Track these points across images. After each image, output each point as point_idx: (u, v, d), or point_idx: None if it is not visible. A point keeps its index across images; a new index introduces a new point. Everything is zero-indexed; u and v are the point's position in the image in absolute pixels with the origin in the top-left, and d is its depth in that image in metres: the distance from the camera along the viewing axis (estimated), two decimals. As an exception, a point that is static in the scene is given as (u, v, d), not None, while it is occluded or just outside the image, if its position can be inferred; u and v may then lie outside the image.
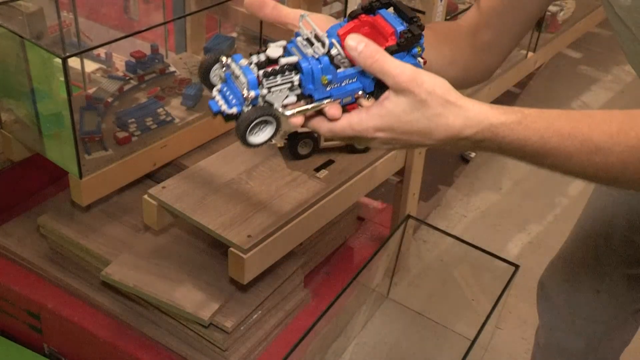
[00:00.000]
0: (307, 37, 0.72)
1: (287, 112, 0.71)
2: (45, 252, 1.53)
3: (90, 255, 1.45)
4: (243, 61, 0.71)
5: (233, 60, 0.72)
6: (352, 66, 0.72)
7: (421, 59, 0.74)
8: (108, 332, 1.43)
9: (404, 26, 0.72)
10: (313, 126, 0.73)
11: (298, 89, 0.72)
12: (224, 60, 0.72)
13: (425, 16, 1.43)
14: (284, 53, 0.72)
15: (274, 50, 0.72)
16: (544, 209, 2.21)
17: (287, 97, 0.72)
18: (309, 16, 0.73)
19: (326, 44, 0.70)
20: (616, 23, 0.90)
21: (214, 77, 0.74)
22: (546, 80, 2.92)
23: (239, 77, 0.70)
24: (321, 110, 0.73)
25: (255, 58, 0.71)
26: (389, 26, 0.72)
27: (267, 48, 0.72)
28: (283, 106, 0.72)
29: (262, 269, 1.31)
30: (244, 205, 1.32)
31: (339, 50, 0.71)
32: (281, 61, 0.71)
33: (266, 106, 0.70)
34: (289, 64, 0.71)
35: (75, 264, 1.50)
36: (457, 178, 2.33)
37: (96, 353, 1.45)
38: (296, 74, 0.71)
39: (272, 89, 0.71)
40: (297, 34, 0.74)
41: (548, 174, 0.76)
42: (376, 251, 1.54)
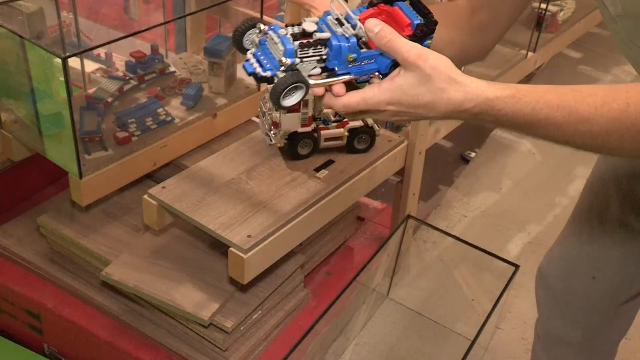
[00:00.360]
0: (337, 17, 0.80)
1: (311, 82, 0.79)
2: (45, 252, 1.53)
3: (90, 255, 1.45)
4: (282, 31, 0.79)
5: (272, 29, 0.80)
6: (370, 49, 0.79)
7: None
8: (108, 332, 1.43)
9: (420, 20, 0.80)
10: (328, 102, 0.81)
11: (322, 62, 0.79)
12: (263, 27, 0.81)
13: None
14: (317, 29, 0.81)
15: (309, 25, 0.80)
16: (544, 209, 2.21)
17: (314, 68, 0.79)
18: None
19: (357, 26, 0.78)
20: (612, 26, 0.93)
21: (246, 41, 0.82)
22: (546, 80, 2.91)
23: (277, 45, 0.78)
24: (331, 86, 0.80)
25: (290, 29, 0.80)
26: (406, 18, 0.81)
27: (303, 22, 0.80)
28: (308, 76, 0.79)
29: (262, 269, 1.31)
30: (244, 205, 1.32)
31: (364, 32, 0.79)
32: (315, 35, 0.79)
33: (299, 73, 0.78)
34: (321, 40, 0.78)
35: (75, 264, 1.50)
36: (457, 178, 2.33)
37: (96, 353, 1.45)
38: (324, 49, 0.79)
39: (304, 59, 0.78)
40: (327, 13, 0.82)
41: (548, 174, 0.77)
42: (376, 251, 1.54)
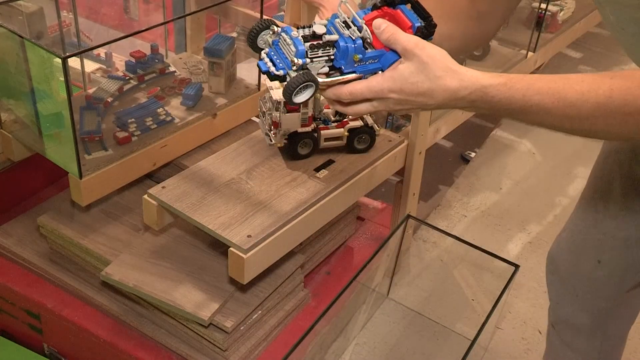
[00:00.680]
0: (345, 20, 0.88)
1: (320, 80, 0.86)
2: (45, 252, 1.53)
3: (90, 255, 1.45)
4: (294, 33, 0.86)
5: (284, 31, 0.87)
6: (374, 50, 0.86)
7: None
8: (108, 332, 1.43)
9: (421, 23, 0.87)
10: (334, 91, 0.87)
11: (330, 62, 0.87)
12: (276, 29, 0.88)
13: None
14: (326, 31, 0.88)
15: (319, 27, 0.87)
16: (544, 209, 2.21)
17: (323, 67, 0.86)
18: (348, 2, 0.89)
19: (363, 29, 0.86)
20: (601, 10, 0.96)
21: (260, 41, 0.90)
22: (546, 80, 2.91)
23: (290, 46, 0.85)
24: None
25: (302, 31, 0.86)
26: (408, 20, 0.87)
27: (313, 25, 0.87)
28: (317, 74, 0.86)
29: (262, 269, 1.31)
30: (244, 205, 1.32)
31: (369, 34, 0.86)
32: (325, 37, 0.86)
33: (309, 72, 0.85)
34: (330, 41, 0.86)
35: (75, 264, 1.50)
36: (457, 178, 2.33)
37: (96, 353, 1.45)
38: (332, 49, 0.86)
39: (314, 60, 0.86)
40: (335, 16, 0.89)
41: (548, 174, 0.78)
42: (376, 251, 1.54)
